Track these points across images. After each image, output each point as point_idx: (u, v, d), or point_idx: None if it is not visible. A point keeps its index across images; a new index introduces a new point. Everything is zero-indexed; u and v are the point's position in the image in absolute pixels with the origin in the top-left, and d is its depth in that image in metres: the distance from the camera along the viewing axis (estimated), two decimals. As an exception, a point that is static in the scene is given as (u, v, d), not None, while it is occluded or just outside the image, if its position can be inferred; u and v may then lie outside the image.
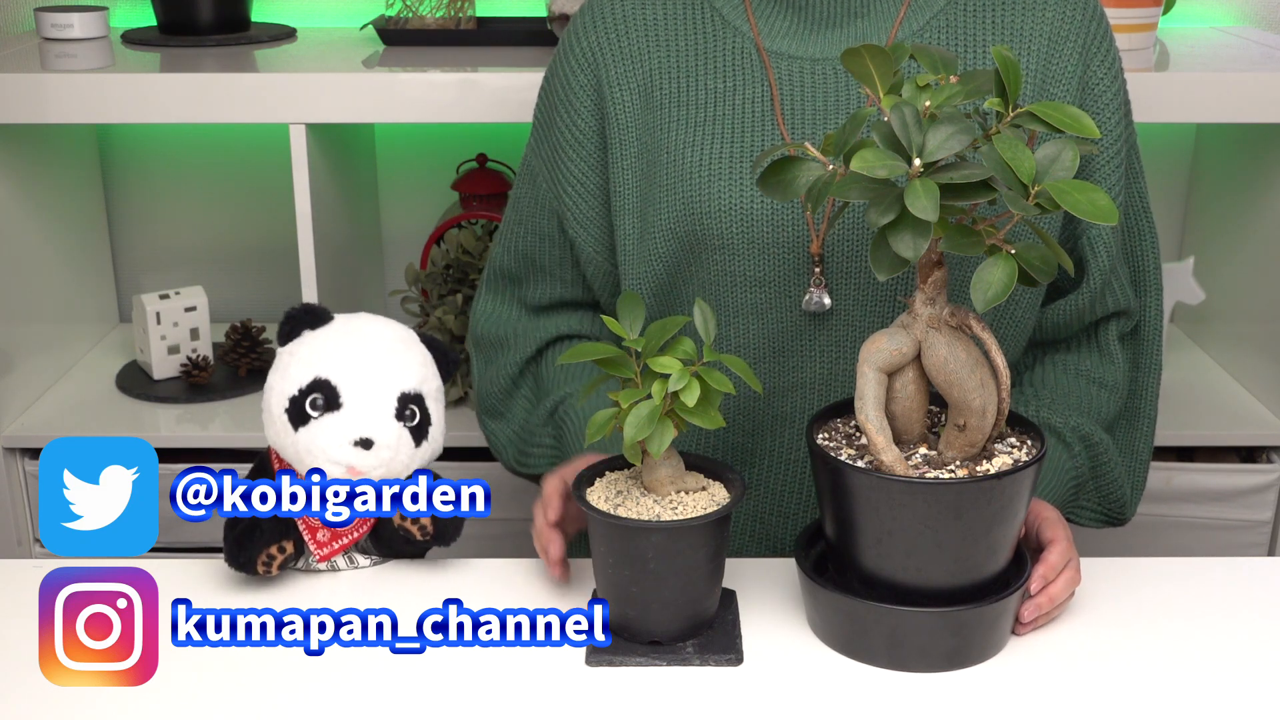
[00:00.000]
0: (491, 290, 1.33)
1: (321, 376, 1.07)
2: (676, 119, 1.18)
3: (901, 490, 0.94)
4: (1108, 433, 1.23)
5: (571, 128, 1.22)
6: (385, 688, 0.97)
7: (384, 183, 2.13)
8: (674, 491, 1.01)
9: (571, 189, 1.23)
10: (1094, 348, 1.25)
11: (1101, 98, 1.17)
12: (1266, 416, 1.86)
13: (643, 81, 1.20)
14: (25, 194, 1.85)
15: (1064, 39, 1.16)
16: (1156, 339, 1.27)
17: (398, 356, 1.10)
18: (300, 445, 1.07)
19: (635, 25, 1.21)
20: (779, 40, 1.18)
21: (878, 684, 0.98)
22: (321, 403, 1.06)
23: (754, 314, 1.18)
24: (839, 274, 1.15)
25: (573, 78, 1.22)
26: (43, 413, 1.85)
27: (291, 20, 2.07)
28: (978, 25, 1.17)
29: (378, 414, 1.07)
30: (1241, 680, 0.99)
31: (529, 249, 1.29)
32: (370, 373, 1.08)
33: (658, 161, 1.18)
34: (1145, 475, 1.28)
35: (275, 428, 1.09)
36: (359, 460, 1.06)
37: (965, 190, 0.87)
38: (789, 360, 1.19)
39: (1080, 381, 1.24)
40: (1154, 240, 1.26)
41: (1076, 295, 1.21)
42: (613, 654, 1.00)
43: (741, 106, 1.17)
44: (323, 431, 1.06)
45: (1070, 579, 1.04)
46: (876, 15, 1.17)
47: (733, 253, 1.16)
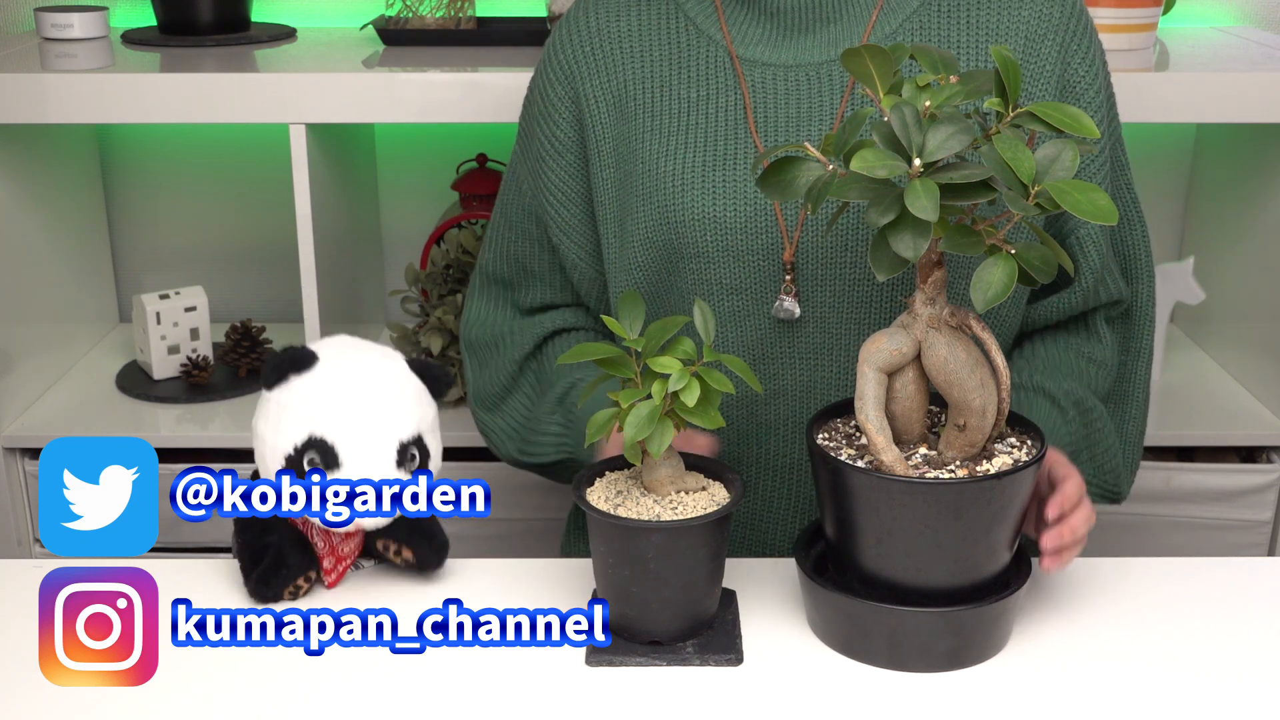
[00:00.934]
0: (483, 294, 1.33)
1: (316, 435, 1.02)
2: (651, 129, 1.19)
3: (901, 490, 0.94)
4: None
5: (551, 139, 1.24)
6: (385, 688, 0.97)
7: (384, 183, 2.13)
8: (674, 491, 1.01)
9: (553, 198, 1.24)
10: (1082, 327, 1.25)
11: (1083, 95, 1.17)
12: (1266, 416, 1.85)
13: (617, 93, 1.20)
14: (25, 194, 1.85)
15: (1042, 37, 1.16)
16: (1147, 325, 1.27)
17: (392, 404, 1.05)
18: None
19: (610, 37, 1.21)
20: (752, 47, 1.18)
21: (878, 684, 0.98)
22: (319, 461, 1.02)
23: (731, 321, 1.18)
24: (812, 281, 1.15)
25: (550, 90, 1.23)
26: (43, 413, 1.85)
27: (291, 20, 2.07)
28: (952, 26, 1.16)
29: (378, 468, 1.03)
30: (1241, 680, 0.99)
31: (519, 254, 1.30)
32: (366, 426, 1.03)
33: (633, 172, 1.19)
34: (1137, 458, 1.28)
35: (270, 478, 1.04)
36: (366, 521, 1.03)
37: (965, 190, 0.87)
38: (768, 368, 1.19)
39: (1070, 354, 1.24)
40: (1143, 228, 1.26)
41: (1069, 293, 1.21)
42: (613, 654, 1.00)
43: (715, 115, 1.17)
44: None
45: (1087, 516, 1.02)
46: (849, 20, 1.16)
47: (708, 261, 1.16)
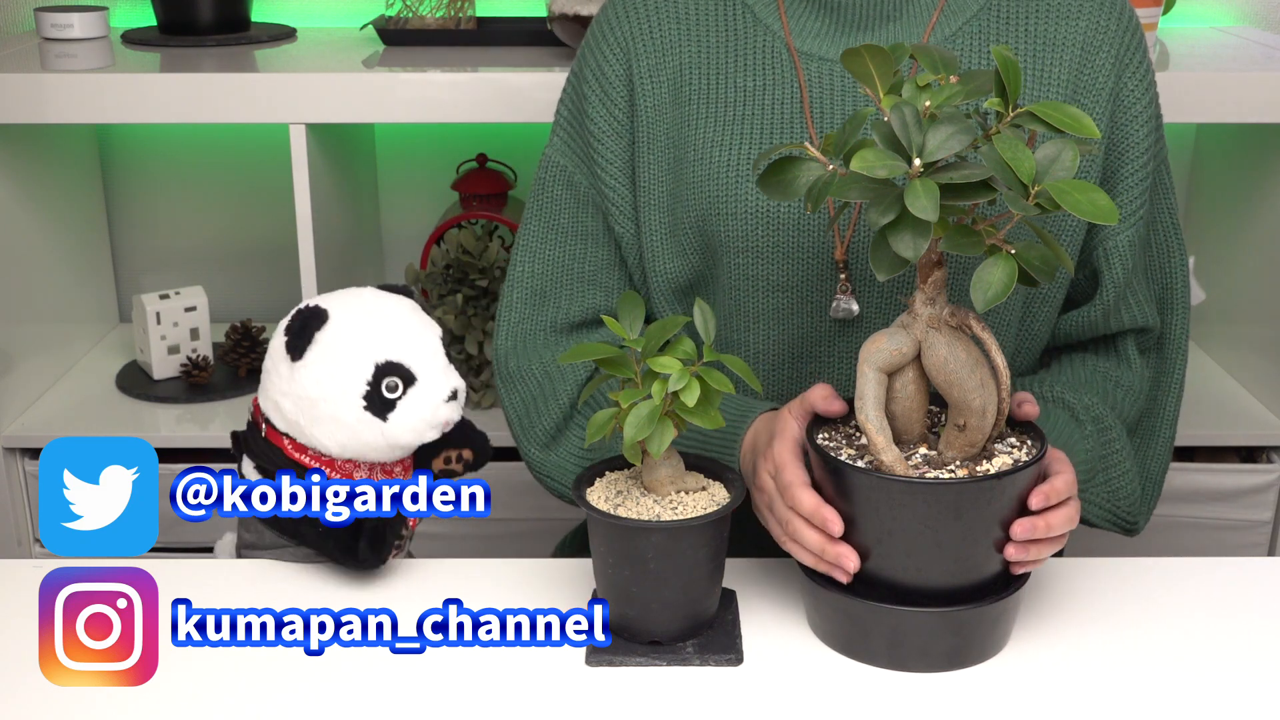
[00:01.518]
0: (517, 314, 1.24)
1: (380, 360, 1.07)
2: (705, 116, 1.17)
3: (901, 490, 0.94)
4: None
5: (609, 118, 1.20)
6: (385, 688, 0.97)
7: (384, 183, 2.13)
8: (674, 491, 1.01)
9: (612, 179, 1.20)
10: (1112, 352, 1.23)
11: (1133, 109, 1.16)
12: (1266, 416, 1.86)
13: (673, 75, 1.18)
14: (25, 194, 1.85)
15: (1097, 48, 1.15)
16: (1180, 358, 1.24)
17: (415, 312, 1.11)
18: (393, 430, 1.07)
19: (667, 17, 1.19)
20: (810, 41, 1.16)
21: (878, 684, 0.98)
22: (398, 384, 1.07)
23: (775, 319, 1.17)
24: (863, 280, 1.15)
25: (607, 67, 1.20)
26: (43, 413, 1.85)
27: (291, 20, 2.07)
28: (1010, 33, 1.15)
29: (443, 366, 1.09)
30: (1241, 680, 0.99)
31: (566, 258, 1.23)
32: (413, 336, 1.09)
33: (685, 158, 1.17)
34: (1157, 493, 1.24)
35: (351, 431, 1.07)
36: (452, 414, 1.09)
37: (965, 190, 0.87)
38: (808, 365, 1.18)
39: (1097, 376, 1.21)
40: (1183, 258, 1.23)
41: (1090, 307, 1.19)
42: (613, 654, 1.00)
43: (770, 107, 1.16)
44: (417, 405, 1.07)
45: (1069, 516, 0.98)
46: (909, 19, 1.16)
47: (757, 255, 1.15)
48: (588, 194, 1.22)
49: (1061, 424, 1.15)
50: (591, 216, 1.22)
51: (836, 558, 0.96)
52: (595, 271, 1.23)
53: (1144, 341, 1.23)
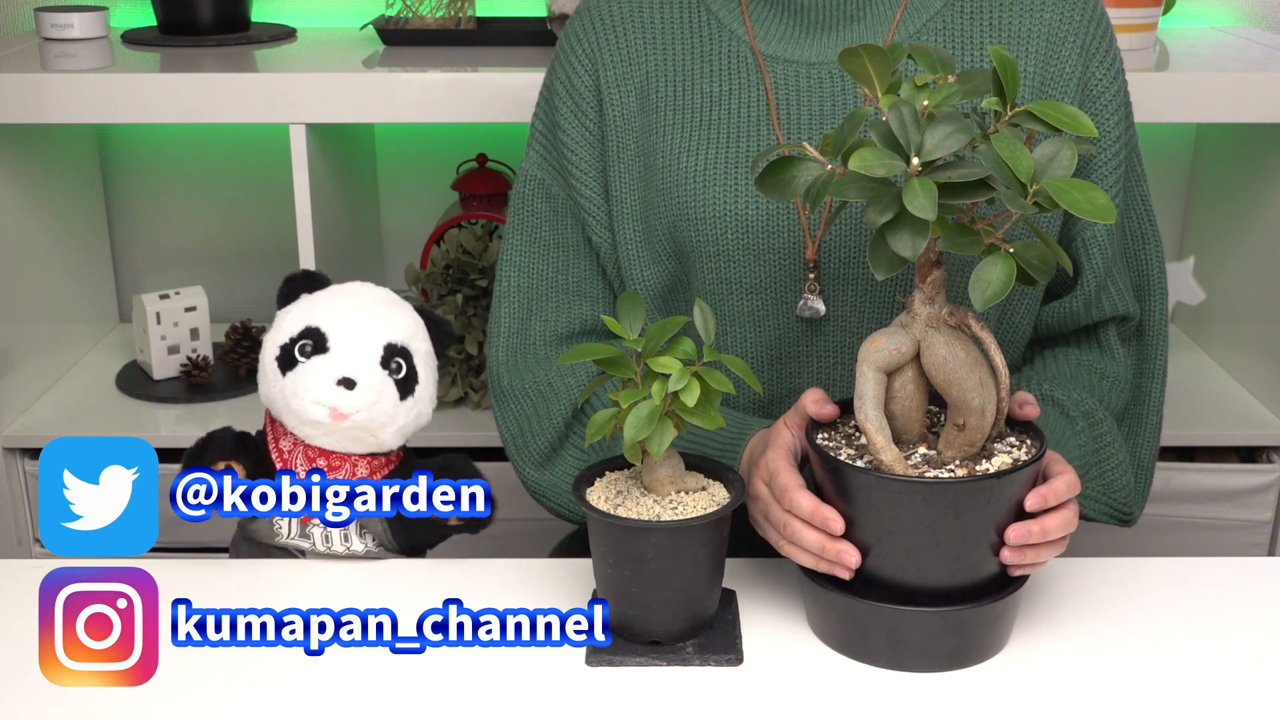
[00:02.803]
0: (507, 331, 1.24)
1: (312, 325, 1.10)
2: (672, 123, 1.18)
3: (901, 490, 0.94)
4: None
5: (581, 129, 1.21)
6: (385, 688, 0.97)
7: (384, 183, 2.13)
8: (674, 491, 1.01)
9: (588, 190, 1.21)
10: (1094, 344, 1.24)
11: (1101, 99, 1.17)
12: (1266, 416, 1.86)
13: (640, 83, 1.19)
14: (25, 194, 1.85)
15: (1063, 40, 1.16)
16: (1161, 344, 1.25)
17: (387, 311, 1.12)
18: (286, 389, 1.08)
19: (632, 27, 1.20)
20: (775, 44, 1.17)
21: (878, 684, 0.98)
22: (310, 348, 1.09)
23: (751, 321, 1.17)
24: (834, 280, 1.15)
25: (576, 78, 1.21)
26: (43, 413, 1.85)
27: (291, 20, 2.07)
28: (975, 27, 1.16)
29: (362, 358, 1.09)
30: (1241, 680, 0.99)
31: (550, 270, 1.24)
32: (358, 322, 1.10)
33: (654, 165, 1.18)
34: (1150, 480, 1.24)
35: (266, 379, 1.11)
36: (341, 400, 1.07)
37: (963, 189, 0.87)
38: (787, 367, 1.18)
39: (1082, 370, 1.22)
40: (1158, 244, 1.25)
41: (1071, 298, 1.20)
42: (613, 654, 1.00)
43: (737, 111, 1.17)
44: (309, 372, 1.08)
45: (1067, 520, 0.98)
46: (872, 18, 1.16)
47: (728, 259, 1.16)
48: (566, 205, 1.23)
49: (1053, 422, 1.16)
50: (571, 228, 1.23)
51: (837, 555, 0.96)
52: (579, 282, 1.24)
53: (1125, 330, 1.24)
